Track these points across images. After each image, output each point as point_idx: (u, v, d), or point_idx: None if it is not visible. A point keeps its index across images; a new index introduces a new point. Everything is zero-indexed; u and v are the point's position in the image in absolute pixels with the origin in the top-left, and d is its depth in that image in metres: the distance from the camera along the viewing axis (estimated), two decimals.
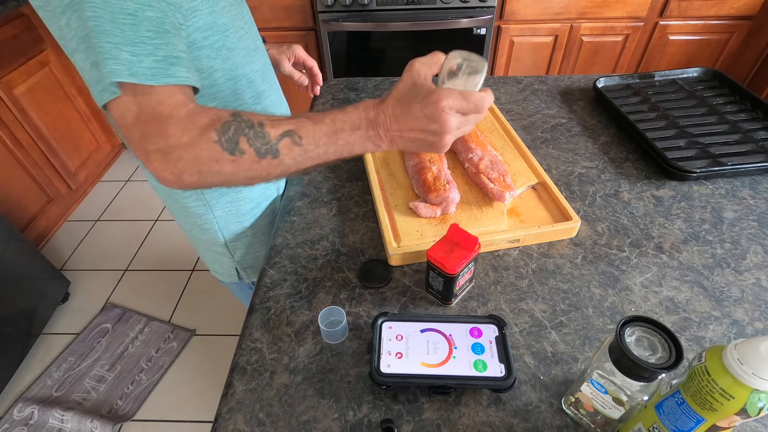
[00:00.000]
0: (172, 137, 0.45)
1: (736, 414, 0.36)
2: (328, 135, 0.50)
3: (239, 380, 0.56)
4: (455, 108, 0.48)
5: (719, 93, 1.01)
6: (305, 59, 0.89)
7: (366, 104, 0.51)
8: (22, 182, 1.90)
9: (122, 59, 0.43)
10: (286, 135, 0.49)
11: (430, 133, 0.50)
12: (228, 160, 0.47)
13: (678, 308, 0.62)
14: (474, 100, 0.49)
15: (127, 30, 0.44)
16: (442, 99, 0.48)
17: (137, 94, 0.45)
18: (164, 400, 1.51)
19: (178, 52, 0.47)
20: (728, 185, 0.81)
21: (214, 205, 0.75)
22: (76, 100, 2.20)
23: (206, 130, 0.46)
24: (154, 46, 0.45)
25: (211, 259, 0.88)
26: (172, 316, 1.77)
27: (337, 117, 0.51)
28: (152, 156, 0.46)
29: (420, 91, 0.49)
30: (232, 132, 0.47)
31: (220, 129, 0.47)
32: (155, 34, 0.45)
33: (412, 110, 0.49)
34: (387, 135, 0.51)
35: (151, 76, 0.45)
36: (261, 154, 0.48)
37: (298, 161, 0.50)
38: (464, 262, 0.57)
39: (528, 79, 1.15)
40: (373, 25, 1.90)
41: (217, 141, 0.46)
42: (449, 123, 0.49)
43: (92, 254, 2.05)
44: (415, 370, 0.52)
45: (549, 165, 0.87)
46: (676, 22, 1.97)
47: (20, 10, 1.85)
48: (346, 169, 0.88)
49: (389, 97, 0.51)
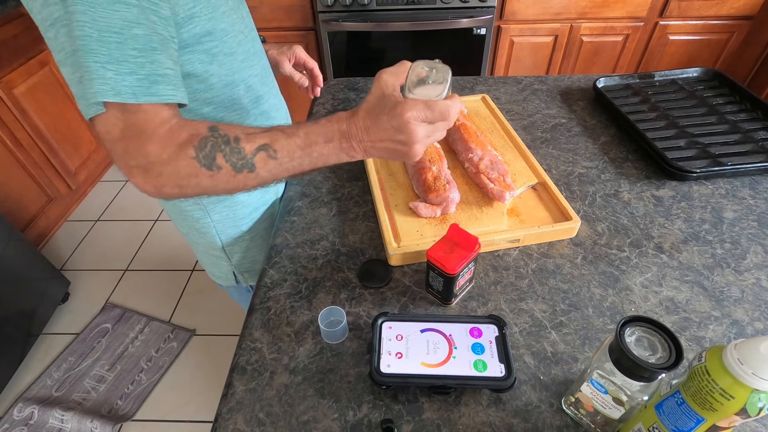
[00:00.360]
0: (152, 154, 0.47)
1: (736, 414, 0.36)
2: (302, 148, 0.52)
3: (239, 380, 0.56)
4: (420, 119, 0.50)
5: (719, 93, 1.01)
6: (306, 60, 0.88)
7: (339, 116, 0.53)
8: (22, 182, 1.90)
9: (107, 78, 0.45)
10: (261, 149, 0.51)
11: (399, 143, 0.51)
12: (206, 175, 0.50)
13: (678, 308, 0.62)
14: (438, 108, 0.50)
15: (113, 48, 0.45)
16: (407, 111, 0.49)
17: (123, 112, 0.46)
18: (164, 400, 1.51)
19: (164, 70, 0.48)
20: (728, 185, 0.81)
21: (212, 210, 0.75)
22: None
23: (184, 146, 0.48)
24: (138, 64, 0.46)
25: (208, 263, 0.88)
26: (172, 316, 1.77)
27: (311, 130, 0.52)
28: (134, 171, 0.48)
29: (387, 103, 0.51)
30: (209, 149, 0.49)
31: (198, 146, 0.49)
32: (140, 52, 0.46)
33: (380, 122, 0.51)
34: (360, 146, 0.53)
35: (132, 94, 0.46)
36: (237, 169, 0.50)
37: (273, 173, 0.52)
38: (464, 262, 0.58)
39: (528, 79, 1.15)
40: (373, 25, 1.90)
41: (194, 157, 0.48)
42: (416, 133, 0.50)
43: (92, 254, 2.05)
44: (415, 370, 0.52)
45: (549, 165, 0.87)
46: (676, 22, 1.97)
47: (20, 10, 1.85)
48: (346, 169, 0.88)
49: (360, 109, 0.53)
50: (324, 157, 0.53)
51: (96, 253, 2.05)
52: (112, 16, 0.44)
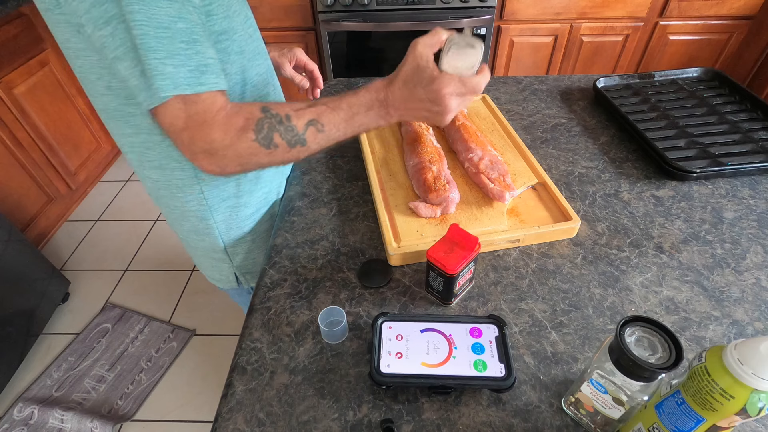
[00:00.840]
0: (216, 140, 0.52)
1: (736, 414, 0.36)
2: (346, 120, 0.57)
3: (239, 380, 0.56)
4: (455, 93, 0.56)
5: (719, 93, 1.01)
6: (306, 62, 0.89)
7: (376, 86, 0.58)
8: (22, 182, 1.90)
9: (167, 73, 0.48)
10: (310, 124, 0.56)
11: (433, 112, 0.58)
12: (264, 153, 0.55)
13: (678, 308, 0.62)
14: (471, 84, 0.56)
15: (167, 44, 0.47)
16: (443, 88, 0.55)
17: (185, 103, 0.50)
18: (164, 400, 1.51)
19: (207, 59, 0.51)
20: (728, 185, 0.81)
21: (216, 209, 0.75)
22: (76, 100, 2.20)
23: (244, 130, 0.53)
24: (187, 56, 0.49)
25: (208, 267, 0.87)
26: (172, 316, 1.77)
27: (353, 101, 0.58)
28: (199, 156, 0.53)
29: (423, 76, 0.56)
30: (266, 130, 0.54)
31: (256, 128, 0.53)
32: (187, 44, 0.49)
33: (417, 93, 0.57)
34: (396, 112, 0.59)
35: (187, 86, 0.49)
36: (291, 145, 0.56)
37: (321, 144, 0.58)
38: (464, 262, 0.58)
39: (528, 79, 1.15)
40: (373, 25, 1.90)
41: (254, 139, 0.53)
42: (450, 106, 0.57)
43: (92, 254, 2.05)
44: (415, 370, 0.52)
45: (549, 165, 0.87)
46: (676, 22, 1.97)
47: (20, 10, 1.85)
48: (346, 169, 0.88)
49: (396, 78, 0.58)
50: (365, 125, 0.59)
51: (96, 253, 2.05)
52: (160, 12, 0.46)
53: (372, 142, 0.90)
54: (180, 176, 0.68)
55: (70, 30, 0.51)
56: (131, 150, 0.66)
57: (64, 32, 0.52)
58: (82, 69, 0.56)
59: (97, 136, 2.36)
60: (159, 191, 0.72)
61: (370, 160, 0.84)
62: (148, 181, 0.72)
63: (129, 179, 2.45)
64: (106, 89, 0.57)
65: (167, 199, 0.73)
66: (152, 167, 0.67)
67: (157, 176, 0.69)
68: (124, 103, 0.58)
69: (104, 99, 0.59)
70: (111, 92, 0.57)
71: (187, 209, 0.74)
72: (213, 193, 0.72)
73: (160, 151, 0.65)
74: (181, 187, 0.70)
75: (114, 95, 0.58)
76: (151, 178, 0.70)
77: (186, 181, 0.69)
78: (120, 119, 0.61)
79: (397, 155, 0.87)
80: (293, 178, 0.86)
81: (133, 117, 0.60)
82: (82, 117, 2.24)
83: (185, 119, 0.50)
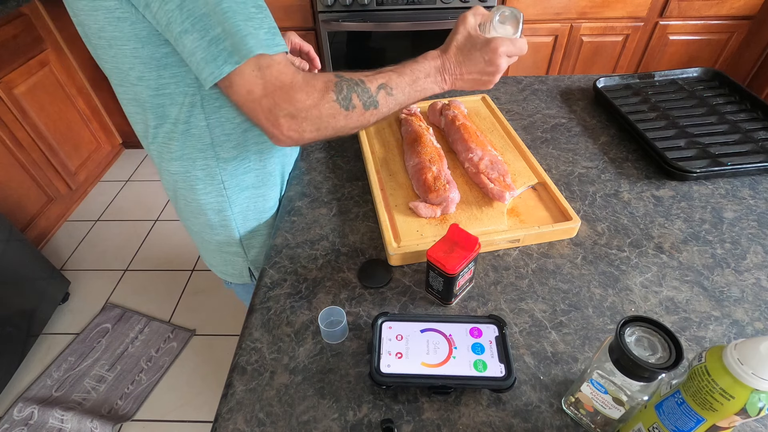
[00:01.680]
0: (299, 101, 0.53)
1: (736, 414, 0.36)
2: (410, 84, 0.61)
3: (239, 380, 0.56)
4: (508, 53, 0.62)
5: (719, 93, 1.01)
6: (301, 44, 0.90)
7: (432, 54, 0.63)
8: (22, 182, 1.90)
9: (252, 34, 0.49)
10: (381, 88, 0.59)
11: (486, 74, 0.63)
12: (343, 115, 0.56)
13: (678, 308, 0.62)
14: (519, 45, 0.62)
15: (243, 8, 0.49)
16: (500, 46, 0.61)
17: (260, 68, 0.51)
18: (164, 400, 1.51)
19: (273, 23, 0.53)
20: (728, 185, 0.81)
21: (234, 201, 0.75)
22: (76, 100, 2.20)
23: (325, 92, 0.54)
24: (260, 20, 0.51)
25: (221, 261, 0.87)
26: (172, 316, 1.77)
27: (414, 68, 0.62)
28: (281, 120, 0.53)
29: (477, 41, 0.62)
30: (346, 91, 0.56)
31: (335, 89, 0.55)
32: (257, 9, 0.51)
33: (473, 57, 0.62)
34: (450, 77, 0.63)
35: (267, 47, 0.51)
36: (366, 107, 0.58)
37: (390, 107, 0.61)
38: (464, 262, 0.57)
39: (528, 79, 1.15)
40: (373, 25, 1.90)
41: (335, 100, 0.55)
42: (503, 65, 0.62)
43: (92, 254, 2.05)
44: (415, 370, 0.52)
45: (549, 165, 0.87)
46: (676, 22, 1.97)
47: (20, 10, 1.85)
48: (346, 169, 0.88)
49: (450, 47, 0.63)
50: (424, 90, 0.63)
51: (96, 253, 2.05)
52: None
53: (372, 142, 0.90)
54: (201, 166, 0.69)
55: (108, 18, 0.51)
56: (154, 141, 0.67)
57: (100, 20, 0.52)
58: (116, 59, 0.57)
59: (97, 136, 2.36)
60: (177, 184, 0.73)
61: (370, 160, 0.84)
62: (167, 174, 0.72)
63: (129, 179, 2.45)
64: (137, 79, 0.58)
65: (185, 191, 0.74)
66: (173, 158, 0.68)
67: (177, 168, 0.70)
68: (153, 94, 0.60)
69: (135, 89, 0.60)
70: (142, 83, 0.59)
71: (205, 201, 0.74)
72: (233, 183, 0.73)
73: (183, 142, 0.66)
74: (201, 178, 0.71)
75: (145, 86, 0.59)
76: (170, 171, 0.71)
77: (207, 171, 0.70)
78: (149, 110, 0.62)
79: (397, 155, 0.87)
80: (293, 178, 0.86)
81: (162, 107, 0.62)
82: (82, 117, 2.24)
83: (263, 85, 0.51)
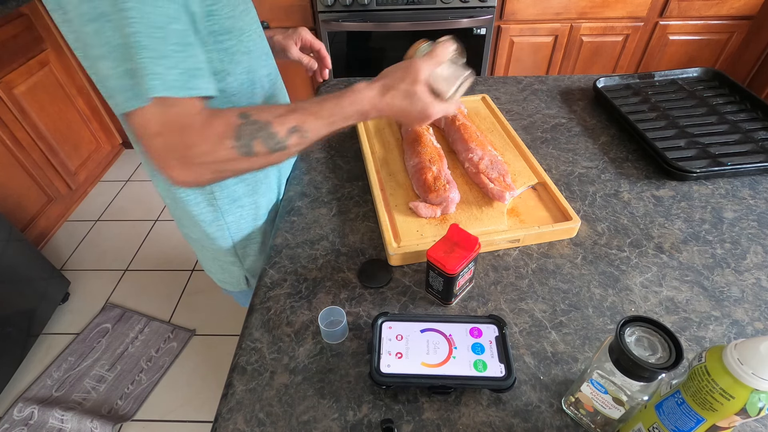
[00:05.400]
0: (193, 146, 0.49)
1: (736, 414, 0.36)
2: (328, 126, 0.57)
3: (239, 380, 0.56)
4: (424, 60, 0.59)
5: (719, 93, 1.01)
6: (312, 42, 0.86)
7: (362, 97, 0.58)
8: (22, 182, 1.90)
9: (158, 73, 0.46)
10: (293, 131, 0.54)
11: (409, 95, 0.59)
12: (244, 161, 0.52)
13: (678, 308, 0.62)
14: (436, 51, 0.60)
15: (159, 44, 0.46)
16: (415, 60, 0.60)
17: (163, 106, 0.47)
18: (164, 400, 1.51)
19: (200, 64, 0.50)
20: (728, 185, 0.81)
21: (226, 211, 0.74)
22: (76, 100, 2.20)
23: (223, 137, 0.50)
24: (179, 59, 0.47)
25: (218, 269, 0.86)
26: (172, 316, 1.77)
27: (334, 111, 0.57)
28: (172, 163, 0.49)
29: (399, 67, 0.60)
30: (246, 137, 0.51)
31: (235, 135, 0.51)
32: (180, 46, 0.47)
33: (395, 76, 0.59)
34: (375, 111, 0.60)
35: (177, 88, 0.47)
36: (272, 151, 0.54)
37: (301, 149, 0.58)
38: (464, 262, 0.57)
39: (528, 79, 1.15)
40: (373, 25, 1.90)
41: (234, 147, 0.51)
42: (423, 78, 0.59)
43: (92, 254, 2.05)
44: (415, 370, 0.52)
45: (549, 165, 0.87)
46: (676, 22, 1.97)
47: (20, 10, 1.85)
48: (346, 169, 0.88)
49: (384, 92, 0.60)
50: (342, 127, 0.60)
51: (96, 253, 2.05)
52: (156, 12, 0.45)
53: (372, 142, 0.90)
54: None
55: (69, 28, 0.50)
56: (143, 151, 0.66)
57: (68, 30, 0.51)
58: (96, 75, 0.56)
59: (97, 136, 2.36)
60: (170, 192, 0.72)
61: (370, 160, 0.84)
62: (162, 183, 0.72)
63: (129, 179, 2.45)
64: None
65: (180, 202, 0.73)
66: None
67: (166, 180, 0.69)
68: None
69: None
70: None
71: (197, 212, 0.74)
72: (223, 194, 0.72)
73: None
74: (193, 190, 0.70)
75: None
76: (161, 181, 0.71)
77: None
78: None
79: (397, 155, 0.87)
80: (293, 178, 0.86)
81: None
82: (82, 117, 2.24)
83: (161, 123, 0.48)
